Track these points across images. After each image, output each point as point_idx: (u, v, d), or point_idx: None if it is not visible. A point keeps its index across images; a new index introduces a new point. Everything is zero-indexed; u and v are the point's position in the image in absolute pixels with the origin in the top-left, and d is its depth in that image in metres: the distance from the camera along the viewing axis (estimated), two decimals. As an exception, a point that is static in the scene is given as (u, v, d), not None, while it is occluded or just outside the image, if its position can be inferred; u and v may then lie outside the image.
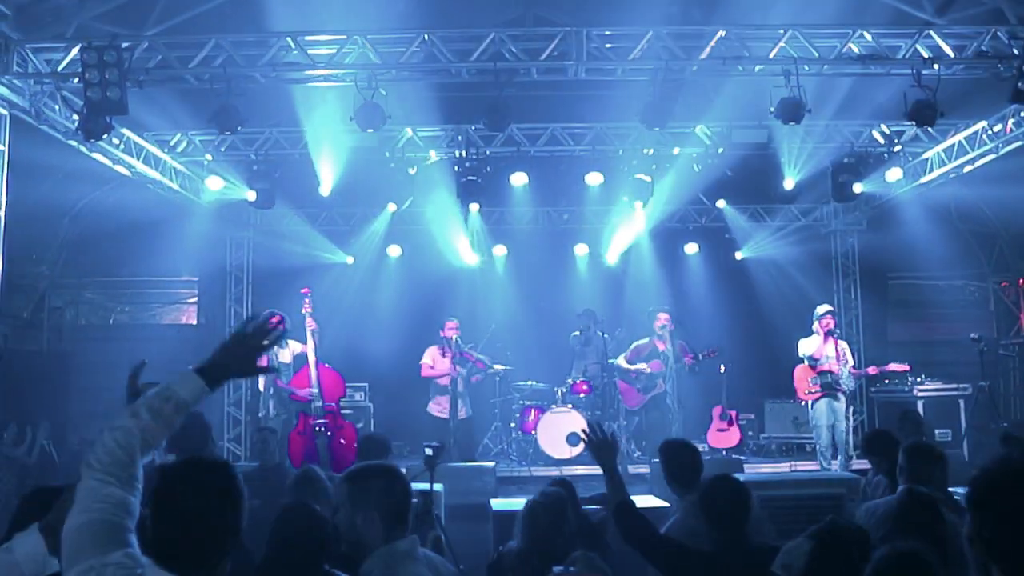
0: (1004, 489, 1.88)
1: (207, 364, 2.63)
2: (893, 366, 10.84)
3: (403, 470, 3.37)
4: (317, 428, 9.78)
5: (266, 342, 2.66)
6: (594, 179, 12.30)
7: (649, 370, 10.97)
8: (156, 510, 2.26)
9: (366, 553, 3.12)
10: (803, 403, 10.96)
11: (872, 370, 11.05)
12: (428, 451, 6.60)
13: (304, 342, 10.16)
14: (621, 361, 11.21)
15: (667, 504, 7.05)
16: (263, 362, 2.72)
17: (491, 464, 9.98)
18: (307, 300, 10.29)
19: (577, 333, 12.88)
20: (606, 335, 11.83)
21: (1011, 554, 1.81)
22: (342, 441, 9.64)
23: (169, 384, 2.57)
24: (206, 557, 2.27)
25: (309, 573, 3.63)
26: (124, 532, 2.25)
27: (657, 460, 9.68)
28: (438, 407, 11.26)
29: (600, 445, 4.27)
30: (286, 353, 10.31)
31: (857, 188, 11.73)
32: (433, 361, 11.41)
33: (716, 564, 3.89)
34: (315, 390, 9.93)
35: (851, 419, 11.14)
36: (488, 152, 11.61)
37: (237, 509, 2.34)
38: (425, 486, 5.81)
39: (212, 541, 2.28)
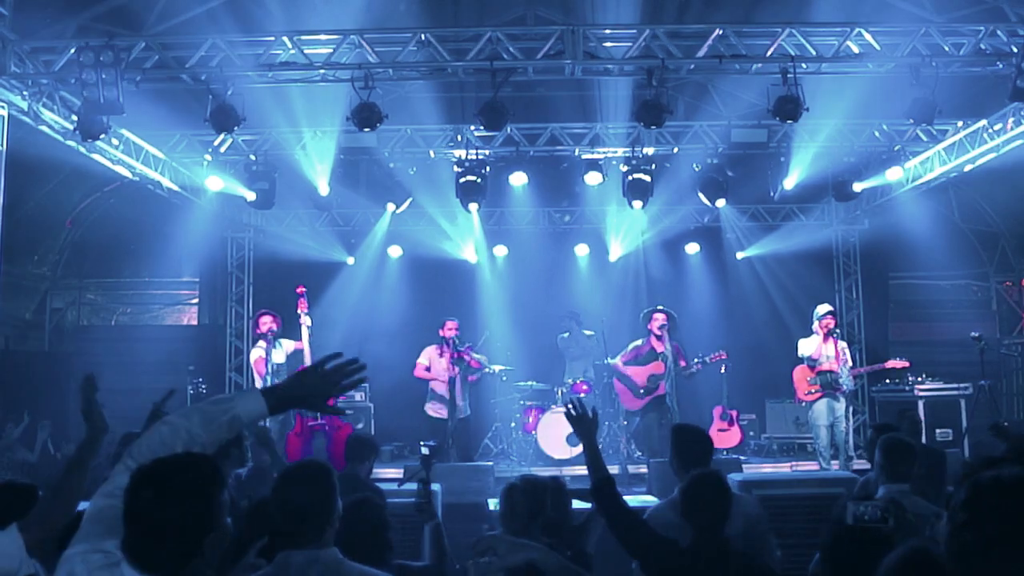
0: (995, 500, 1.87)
1: (275, 387, 2.61)
2: (892, 363, 10.81)
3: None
4: (315, 429, 9.78)
5: (344, 383, 2.62)
6: (593, 179, 12.29)
7: (649, 374, 10.94)
8: (125, 509, 2.24)
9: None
10: (803, 404, 10.93)
11: (864, 370, 11.04)
12: (424, 450, 6.59)
13: (299, 339, 10.18)
14: (618, 362, 11.18)
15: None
16: (332, 402, 2.68)
17: (489, 464, 9.97)
18: (302, 299, 10.31)
19: (565, 335, 12.88)
20: (596, 334, 11.79)
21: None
22: (339, 442, 9.62)
23: (232, 396, 2.55)
24: (170, 558, 2.24)
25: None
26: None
27: (656, 460, 9.76)
28: (434, 407, 11.24)
29: (580, 419, 4.26)
30: (280, 352, 10.32)
31: (857, 187, 11.71)
32: (429, 361, 11.37)
33: (689, 560, 3.85)
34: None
35: (851, 419, 11.12)
36: (487, 152, 11.62)
37: (208, 509, 2.30)
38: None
39: (177, 543, 2.25)
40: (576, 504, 5.05)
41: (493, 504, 7.80)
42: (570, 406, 4.33)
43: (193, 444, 2.43)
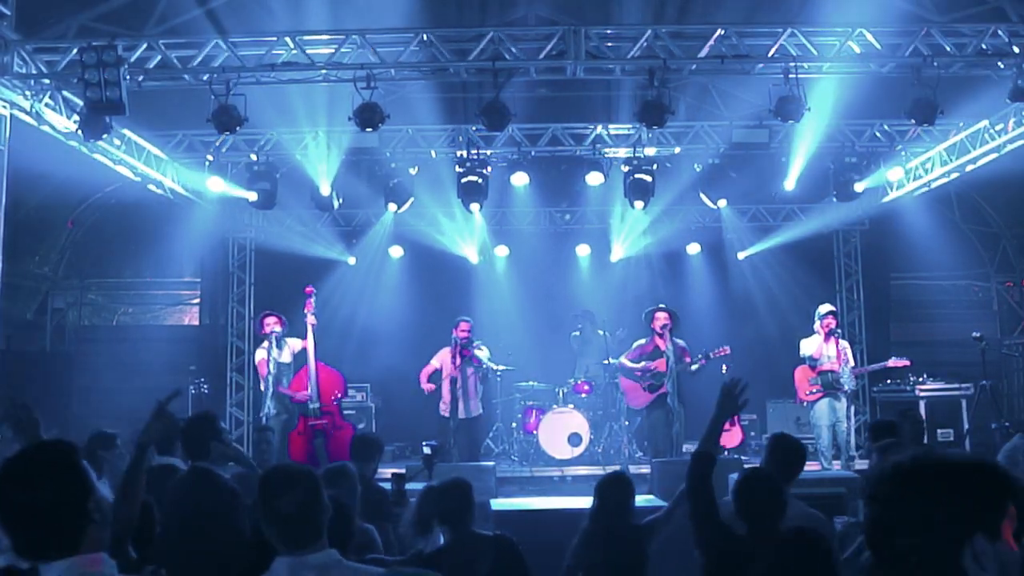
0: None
1: None
2: (893, 362, 10.82)
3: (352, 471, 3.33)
4: (316, 428, 9.79)
5: None
6: (595, 179, 12.30)
7: (655, 368, 10.94)
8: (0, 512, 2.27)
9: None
10: (804, 404, 10.93)
11: (865, 369, 11.03)
12: (426, 450, 6.61)
13: (304, 338, 10.19)
14: (624, 360, 11.18)
15: (667, 504, 7.02)
16: None
17: (491, 464, 9.98)
18: (310, 299, 10.31)
19: (577, 333, 12.88)
20: (607, 334, 11.81)
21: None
22: (341, 442, 9.63)
23: None
24: (60, 536, 2.26)
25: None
26: None
27: (658, 460, 9.76)
28: (443, 406, 11.26)
29: (732, 399, 4.30)
30: (286, 352, 10.33)
31: (859, 187, 11.71)
32: (441, 364, 11.33)
33: (747, 548, 3.89)
34: (312, 393, 9.95)
35: (853, 419, 11.11)
36: (489, 152, 11.62)
37: (73, 487, 2.31)
38: (422, 485, 5.82)
39: (62, 519, 2.27)
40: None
41: (495, 504, 7.81)
42: (731, 384, 4.32)
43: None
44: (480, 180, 11.26)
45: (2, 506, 2.25)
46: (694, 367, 10.87)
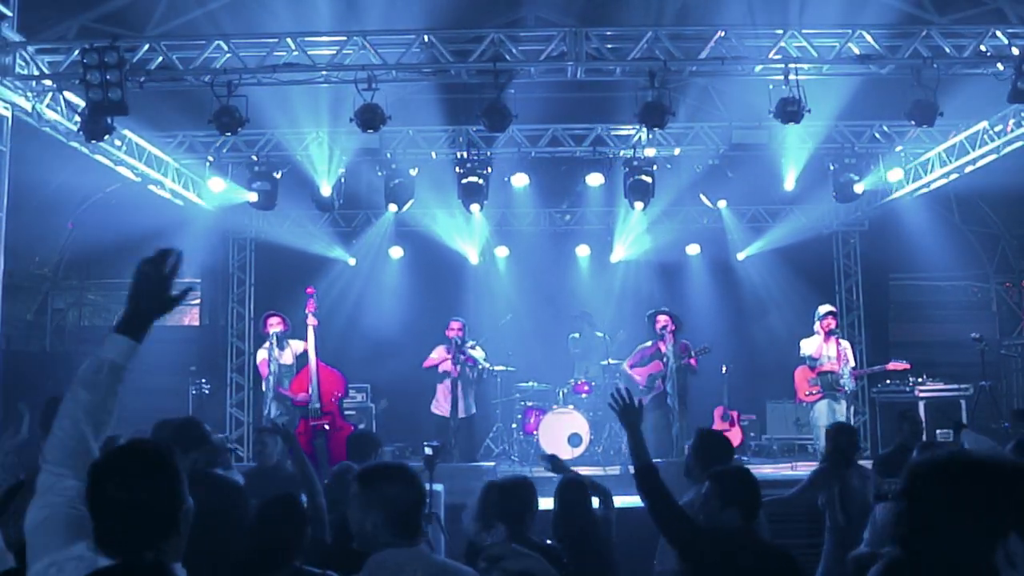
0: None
1: (124, 318, 2.57)
2: (893, 364, 10.84)
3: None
4: (317, 429, 9.80)
5: (167, 270, 2.61)
6: (595, 180, 12.31)
7: (643, 388, 10.99)
8: (89, 500, 2.23)
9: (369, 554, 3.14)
10: (803, 404, 10.95)
11: (865, 372, 11.06)
12: (428, 450, 6.62)
13: (305, 339, 10.19)
14: (626, 367, 11.23)
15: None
16: (174, 292, 2.65)
17: (491, 464, 10.00)
18: (311, 300, 10.32)
19: (576, 335, 12.89)
20: (606, 336, 11.83)
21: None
22: (341, 443, 9.63)
23: (96, 353, 2.50)
24: (148, 539, 2.22)
25: (282, 567, 3.65)
26: (86, 522, 2.23)
27: (656, 460, 9.77)
28: (438, 406, 11.28)
29: (625, 408, 4.35)
30: (287, 354, 10.33)
31: (858, 188, 11.73)
32: (438, 358, 11.42)
33: (724, 548, 3.88)
34: (313, 394, 9.96)
35: (852, 420, 11.11)
36: (489, 153, 11.64)
37: (170, 492, 2.28)
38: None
39: (153, 523, 2.24)
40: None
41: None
42: (614, 396, 4.39)
43: (96, 413, 2.42)
44: (480, 181, 11.28)
45: (95, 498, 2.22)
46: (686, 364, 10.91)
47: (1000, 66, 8.55)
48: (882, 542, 4.43)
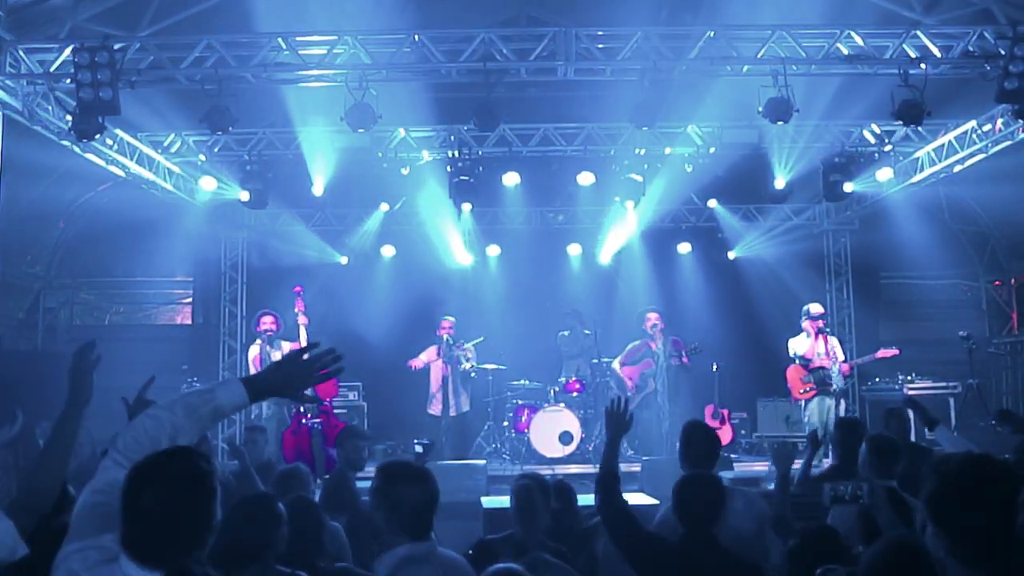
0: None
1: (255, 377, 2.66)
2: (883, 352, 10.85)
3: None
4: (310, 427, 9.83)
5: (321, 373, 2.68)
6: (586, 179, 12.35)
7: (632, 389, 11.03)
8: (124, 508, 2.25)
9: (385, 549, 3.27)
10: (798, 402, 10.99)
11: (857, 362, 11.12)
12: (418, 448, 6.65)
13: (297, 340, 10.22)
14: (616, 365, 11.28)
15: (656, 502, 7.10)
16: (308, 391, 2.75)
17: (482, 463, 10.03)
18: (299, 299, 10.36)
19: (565, 333, 12.92)
20: (595, 333, 11.87)
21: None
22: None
23: (212, 387, 2.59)
24: (173, 552, 2.26)
25: (257, 565, 3.72)
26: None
27: (647, 458, 9.84)
28: (430, 406, 11.35)
29: (614, 416, 4.48)
30: (278, 353, 10.36)
31: (848, 188, 11.77)
32: (428, 361, 11.50)
33: (677, 558, 3.93)
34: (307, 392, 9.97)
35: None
36: (480, 152, 11.66)
37: (203, 509, 2.31)
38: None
39: (180, 538, 2.27)
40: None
41: (486, 502, 7.85)
42: (613, 403, 4.51)
43: (178, 435, 2.47)
44: (471, 180, 11.31)
45: (129, 502, 2.25)
46: (678, 363, 10.97)
47: (987, 66, 8.61)
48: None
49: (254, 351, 10.48)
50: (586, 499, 5.47)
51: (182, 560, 2.27)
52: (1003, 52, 8.41)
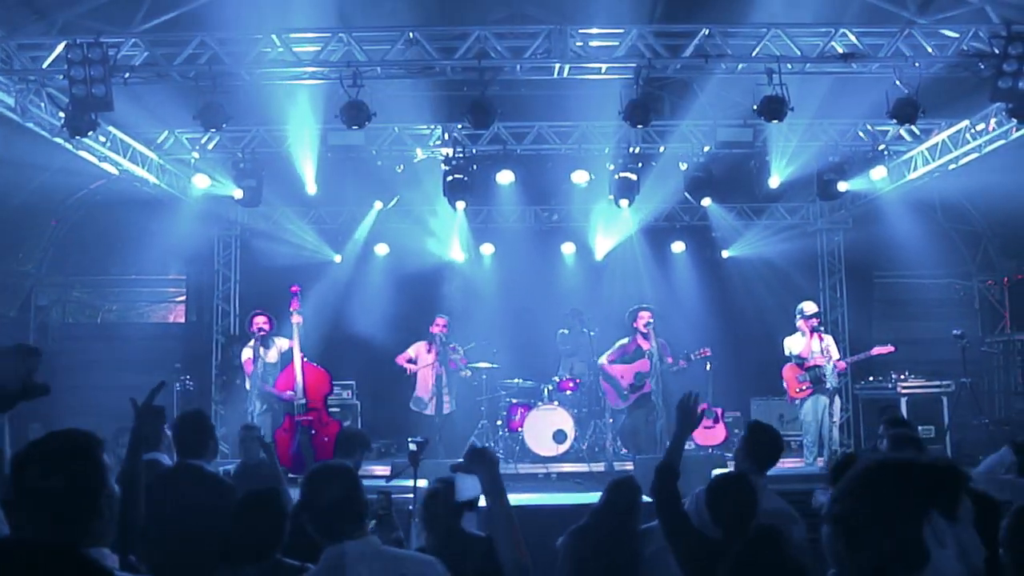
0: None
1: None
2: (878, 349, 10.86)
3: (353, 468, 3.46)
4: (302, 425, 9.81)
5: None
6: (580, 177, 12.33)
7: (638, 370, 11.02)
8: (14, 491, 2.30)
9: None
10: (795, 401, 10.99)
11: (852, 359, 11.13)
12: (412, 446, 6.62)
13: (291, 338, 10.20)
14: (603, 361, 11.25)
15: (651, 500, 7.07)
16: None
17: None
18: (295, 298, 10.33)
19: (565, 332, 12.91)
20: (593, 332, 11.86)
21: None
22: (326, 439, 9.64)
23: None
24: (68, 525, 2.28)
25: (263, 559, 3.73)
26: None
27: (641, 457, 9.82)
28: (424, 405, 11.34)
29: (689, 412, 4.39)
30: (273, 352, 10.35)
31: (842, 187, 11.80)
32: (416, 354, 11.49)
33: (719, 552, 3.94)
34: (298, 390, 9.97)
35: (839, 415, 11.18)
36: (475, 150, 11.65)
37: (87, 479, 2.33)
38: (408, 482, 5.89)
39: (71, 508, 2.29)
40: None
41: (483, 502, 7.82)
42: (686, 398, 4.43)
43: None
44: (466, 178, 11.29)
45: (16, 487, 2.28)
46: (675, 368, 10.96)
47: (981, 65, 8.63)
48: None
49: (247, 353, 10.44)
50: (586, 498, 5.44)
51: (80, 532, 2.29)
52: (997, 51, 8.43)
